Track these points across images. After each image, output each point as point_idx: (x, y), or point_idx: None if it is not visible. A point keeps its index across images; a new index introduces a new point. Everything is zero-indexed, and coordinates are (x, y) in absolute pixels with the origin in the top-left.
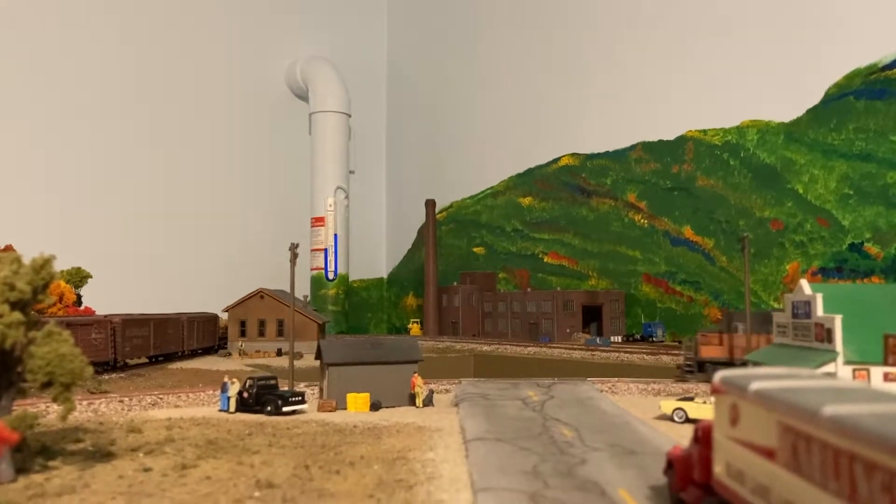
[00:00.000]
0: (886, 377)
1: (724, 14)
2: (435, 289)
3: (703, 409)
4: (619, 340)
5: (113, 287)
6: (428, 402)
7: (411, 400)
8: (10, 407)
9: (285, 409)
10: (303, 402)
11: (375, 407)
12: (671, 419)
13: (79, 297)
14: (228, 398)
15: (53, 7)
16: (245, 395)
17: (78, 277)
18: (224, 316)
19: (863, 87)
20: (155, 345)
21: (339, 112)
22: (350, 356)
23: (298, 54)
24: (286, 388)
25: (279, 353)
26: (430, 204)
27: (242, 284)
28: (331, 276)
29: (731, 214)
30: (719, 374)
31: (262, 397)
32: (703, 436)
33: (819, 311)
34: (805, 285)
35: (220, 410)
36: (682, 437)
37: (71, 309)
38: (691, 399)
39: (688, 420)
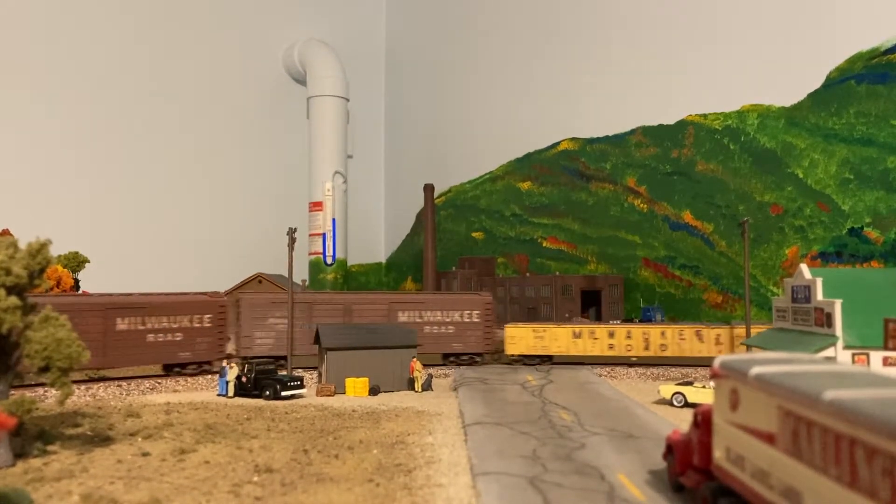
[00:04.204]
0: (886, 361)
1: None
2: (433, 274)
3: (702, 394)
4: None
5: (110, 272)
6: (427, 386)
7: (410, 384)
8: (8, 392)
9: (284, 393)
10: (301, 386)
11: (374, 391)
12: (670, 403)
13: (76, 281)
14: (227, 383)
15: None
16: (244, 379)
17: (75, 262)
18: None
19: (864, 70)
20: None
21: (337, 96)
22: (349, 341)
23: (297, 38)
24: (285, 373)
25: None
26: (428, 189)
27: (241, 269)
28: (329, 260)
29: (731, 199)
30: (720, 359)
31: (260, 382)
32: (703, 420)
33: (819, 295)
34: (805, 270)
35: (219, 395)
36: (682, 421)
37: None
38: (690, 383)
39: (687, 404)
